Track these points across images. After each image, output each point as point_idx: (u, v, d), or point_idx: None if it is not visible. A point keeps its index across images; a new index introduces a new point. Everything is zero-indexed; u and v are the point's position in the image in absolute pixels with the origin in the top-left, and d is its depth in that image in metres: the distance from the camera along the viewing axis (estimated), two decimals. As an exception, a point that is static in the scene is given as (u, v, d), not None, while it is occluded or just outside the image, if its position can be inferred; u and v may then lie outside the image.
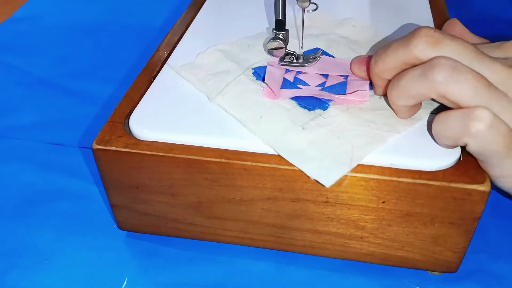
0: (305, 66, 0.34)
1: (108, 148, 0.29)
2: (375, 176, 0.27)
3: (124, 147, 0.29)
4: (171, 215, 0.32)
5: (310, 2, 0.32)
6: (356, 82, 0.32)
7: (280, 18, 0.33)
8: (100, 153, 0.29)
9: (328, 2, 0.42)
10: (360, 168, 0.27)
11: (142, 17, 0.61)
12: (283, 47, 0.33)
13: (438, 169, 0.27)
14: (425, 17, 0.40)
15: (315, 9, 0.35)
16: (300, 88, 0.32)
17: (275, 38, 0.33)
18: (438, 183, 0.26)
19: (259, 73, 0.33)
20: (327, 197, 0.28)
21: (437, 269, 0.31)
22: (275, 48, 0.33)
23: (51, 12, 0.63)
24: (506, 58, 0.27)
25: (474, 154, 0.26)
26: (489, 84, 0.25)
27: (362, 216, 0.29)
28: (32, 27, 0.60)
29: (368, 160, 0.27)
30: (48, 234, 0.35)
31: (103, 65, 0.53)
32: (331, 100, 0.31)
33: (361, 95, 0.31)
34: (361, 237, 0.30)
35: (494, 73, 0.25)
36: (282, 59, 0.34)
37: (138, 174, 0.30)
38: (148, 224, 0.33)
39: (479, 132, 0.24)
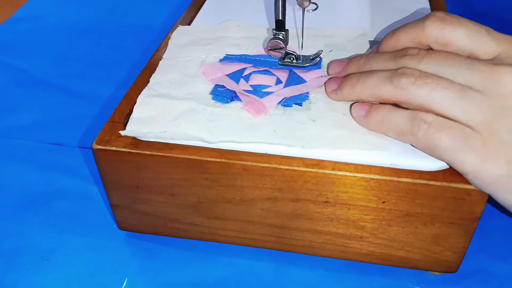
0: (305, 66, 0.34)
1: (108, 148, 0.29)
2: (375, 176, 0.27)
3: (124, 147, 0.29)
4: (171, 215, 0.32)
5: (310, 2, 0.32)
6: (303, 72, 0.33)
7: (280, 18, 0.33)
8: (100, 153, 0.29)
9: (328, 2, 0.43)
10: (361, 168, 0.27)
11: (142, 17, 0.61)
12: (283, 47, 0.33)
13: (438, 169, 0.27)
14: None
15: (315, 9, 0.34)
16: (269, 92, 0.31)
17: (275, 38, 0.33)
18: (438, 183, 0.26)
19: (221, 95, 0.31)
20: (327, 197, 0.28)
21: (437, 269, 0.31)
22: (275, 48, 0.33)
23: (51, 12, 0.63)
24: (496, 56, 0.27)
25: (423, 151, 0.27)
26: (452, 89, 0.26)
27: (362, 216, 0.29)
28: (32, 27, 0.60)
29: (368, 160, 0.27)
30: (48, 234, 0.35)
31: (103, 65, 0.53)
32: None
33: (323, 76, 0.33)
34: (361, 237, 0.30)
35: (472, 75, 0.26)
36: (282, 59, 0.34)
37: (138, 174, 0.30)
38: (148, 224, 0.33)
39: (420, 132, 0.26)
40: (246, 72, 0.33)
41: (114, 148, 0.29)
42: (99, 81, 0.50)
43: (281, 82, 0.32)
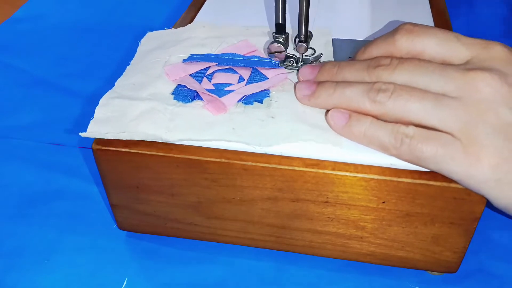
0: None
1: (108, 148, 0.29)
2: (375, 176, 0.27)
3: (124, 147, 0.29)
4: (171, 215, 0.32)
5: (307, 48, 0.32)
6: (266, 69, 0.33)
7: (280, 21, 0.33)
8: (100, 153, 0.29)
9: (328, 3, 0.43)
10: (361, 168, 0.27)
11: (142, 17, 0.61)
12: (283, 51, 0.33)
13: (438, 169, 0.27)
14: (425, 17, 0.40)
15: (317, 58, 0.34)
16: (231, 90, 0.31)
17: (275, 41, 0.33)
18: (438, 183, 0.26)
19: (182, 94, 0.31)
20: (327, 197, 0.28)
21: (437, 269, 0.31)
22: (275, 52, 0.33)
23: (51, 12, 0.63)
24: (468, 60, 0.27)
25: (409, 163, 0.27)
26: (427, 99, 0.26)
27: (362, 216, 0.29)
28: (32, 27, 0.60)
29: (368, 160, 0.27)
30: (48, 234, 0.35)
31: (103, 65, 0.53)
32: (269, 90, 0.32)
33: (284, 73, 0.33)
34: (361, 237, 0.30)
35: (446, 83, 0.26)
36: (282, 62, 0.34)
37: (138, 174, 0.30)
38: (148, 224, 0.33)
39: (403, 146, 0.26)
40: (209, 71, 0.33)
41: (114, 148, 0.29)
42: (99, 81, 0.50)
43: (244, 80, 0.32)
